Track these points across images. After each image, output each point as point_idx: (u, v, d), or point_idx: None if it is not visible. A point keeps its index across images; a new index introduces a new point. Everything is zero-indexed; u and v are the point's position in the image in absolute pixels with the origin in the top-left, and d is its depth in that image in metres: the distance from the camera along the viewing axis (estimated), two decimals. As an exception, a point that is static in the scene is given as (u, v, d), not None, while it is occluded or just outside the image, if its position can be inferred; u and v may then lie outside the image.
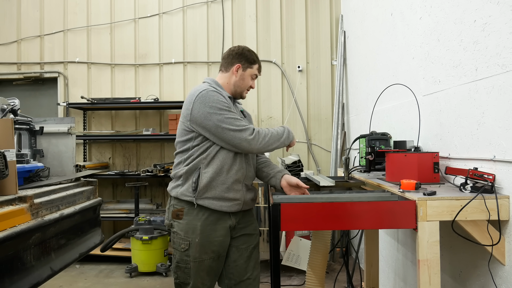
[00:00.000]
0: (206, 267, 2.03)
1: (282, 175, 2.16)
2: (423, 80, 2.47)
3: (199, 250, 2.01)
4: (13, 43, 5.17)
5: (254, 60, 2.18)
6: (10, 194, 2.04)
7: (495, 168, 1.73)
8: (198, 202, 2.00)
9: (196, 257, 2.01)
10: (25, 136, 2.76)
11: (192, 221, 2.01)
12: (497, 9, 1.71)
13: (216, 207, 2.01)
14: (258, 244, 2.23)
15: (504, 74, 1.66)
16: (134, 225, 4.17)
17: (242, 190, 2.07)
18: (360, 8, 4.03)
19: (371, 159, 2.36)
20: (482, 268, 1.83)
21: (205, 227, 2.01)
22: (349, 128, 4.64)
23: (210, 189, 1.99)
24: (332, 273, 3.98)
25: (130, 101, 4.70)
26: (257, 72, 2.20)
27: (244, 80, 2.16)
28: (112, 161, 5.10)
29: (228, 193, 2.01)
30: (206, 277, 2.05)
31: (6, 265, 1.79)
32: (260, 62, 2.24)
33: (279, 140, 2.08)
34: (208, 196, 2.00)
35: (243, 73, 2.16)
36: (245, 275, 2.13)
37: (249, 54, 2.17)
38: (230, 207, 2.03)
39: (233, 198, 2.03)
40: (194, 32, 5.04)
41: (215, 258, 2.05)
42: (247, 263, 2.14)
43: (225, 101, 2.01)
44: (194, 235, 2.00)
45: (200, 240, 2.00)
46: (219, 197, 2.00)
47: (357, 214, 1.70)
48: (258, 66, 2.20)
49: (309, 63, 4.96)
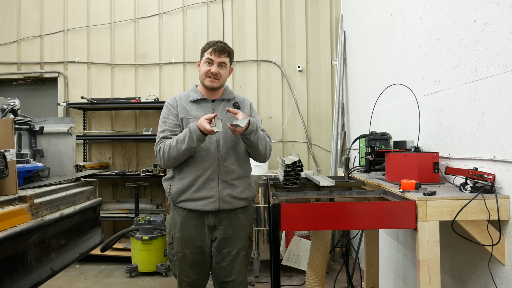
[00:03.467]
0: (189, 261, 2.12)
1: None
2: (423, 80, 2.47)
3: (181, 245, 2.12)
4: (13, 43, 5.17)
5: (206, 47, 2.15)
6: (10, 194, 2.03)
7: (495, 168, 1.73)
8: (175, 204, 2.15)
9: (178, 251, 2.13)
10: (25, 136, 2.76)
11: (174, 216, 2.18)
12: (497, 9, 1.71)
13: (191, 206, 2.10)
14: (245, 248, 2.17)
15: (504, 74, 1.66)
16: (134, 225, 4.17)
17: (216, 187, 2.09)
18: (360, 8, 4.03)
19: (371, 159, 2.36)
20: (482, 268, 1.83)
21: (185, 223, 2.12)
22: (349, 128, 4.64)
23: (182, 193, 2.10)
24: (332, 273, 3.98)
25: (130, 101, 4.70)
26: (209, 56, 2.11)
27: (201, 69, 2.16)
28: (112, 161, 5.10)
29: (199, 192, 2.09)
30: (190, 270, 2.13)
31: (6, 265, 1.79)
32: (215, 44, 2.12)
33: (181, 148, 1.98)
34: (182, 199, 2.12)
35: (202, 63, 2.17)
36: (230, 277, 2.15)
37: (204, 45, 2.18)
38: (205, 205, 2.09)
39: (205, 196, 2.08)
40: (194, 32, 5.04)
41: (198, 253, 2.12)
42: (231, 267, 2.14)
43: (166, 112, 2.16)
44: (175, 230, 2.15)
45: (181, 236, 2.12)
46: (191, 198, 2.10)
47: (357, 214, 1.70)
48: (211, 50, 2.11)
49: (309, 63, 4.96)
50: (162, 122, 2.16)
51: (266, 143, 2.16)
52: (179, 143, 1.99)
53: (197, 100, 2.18)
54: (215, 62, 2.11)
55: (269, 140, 2.21)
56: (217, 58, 2.11)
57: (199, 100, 2.18)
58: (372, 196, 2.04)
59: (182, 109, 2.16)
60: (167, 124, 2.13)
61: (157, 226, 4.14)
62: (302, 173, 2.27)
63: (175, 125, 2.13)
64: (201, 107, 2.17)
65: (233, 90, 4.95)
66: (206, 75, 2.13)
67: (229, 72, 2.22)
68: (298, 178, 2.23)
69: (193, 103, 2.18)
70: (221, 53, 2.11)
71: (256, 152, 2.14)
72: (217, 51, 2.10)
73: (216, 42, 2.13)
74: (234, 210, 2.16)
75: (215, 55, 2.11)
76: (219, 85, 2.15)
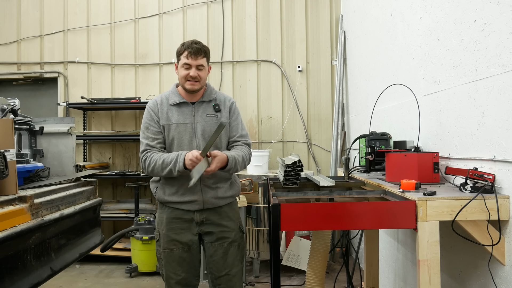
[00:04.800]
0: (176, 257, 2.15)
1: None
2: (423, 80, 2.47)
3: (167, 241, 2.15)
4: (13, 43, 5.17)
5: (181, 49, 2.14)
6: (10, 194, 2.04)
7: (495, 168, 1.73)
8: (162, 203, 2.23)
9: (165, 247, 2.16)
10: (25, 136, 2.76)
11: (161, 214, 2.22)
12: (497, 9, 1.71)
13: (177, 206, 2.16)
14: (236, 240, 2.20)
15: (504, 74, 1.66)
16: (134, 225, 4.17)
17: (199, 192, 2.13)
18: (360, 8, 4.03)
19: (371, 159, 2.37)
20: (482, 268, 1.83)
21: (170, 219, 2.16)
22: (349, 128, 4.64)
23: (168, 197, 2.16)
24: (332, 273, 3.98)
25: (130, 101, 4.69)
26: (186, 60, 2.11)
27: (180, 73, 2.16)
28: (112, 161, 5.10)
29: (183, 197, 2.13)
30: (177, 267, 2.15)
31: (6, 265, 1.79)
32: (190, 47, 2.10)
33: (164, 170, 2.04)
34: (168, 201, 2.17)
35: (180, 67, 2.17)
36: (223, 271, 2.17)
37: (179, 48, 2.17)
38: (190, 206, 2.14)
39: (189, 200, 2.13)
40: (194, 32, 5.03)
41: (185, 250, 2.15)
42: (224, 259, 2.17)
43: (148, 118, 2.17)
44: (161, 227, 2.19)
45: (167, 232, 2.16)
46: (176, 201, 2.15)
47: (357, 214, 1.70)
48: (187, 53, 2.10)
49: (309, 63, 4.96)
50: (145, 127, 2.17)
51: (244, 163, 2.17)
52: (165, 164, 2.04)
53: (177, 103, 2.17)
54: (193, 66, 2.11)
55: (247, 151, 2.20)
56: (194, 61, 2.10)
57: (179, 103, 2.18)
58: (372, 196, 2.04)
59: (163, 115, 2.16)
60: (150, 131, 2.15)
61: (157, 226, 4.14)
62: (302, 173, 2.27)
63: (157, 132, 2.15)
64: (182, 110, 2.17)
65: (233, 90, 4.98)
66: (186, 79, 2.13)
67: (208, 71, 2.21)
68: (298, 178, 2.23)
69: (173, 106, 2.17)
70: (198, 55, 2.10)
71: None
72: (193, 54, 2.09)
73: (191, 44, 2.11)
74: (220, 207, 2.19)
75: (192, 58, 2.10)
76: (199, 87, 2.16)
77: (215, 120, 2.17)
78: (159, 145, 2.14)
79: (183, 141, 2.13)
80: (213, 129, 2.10)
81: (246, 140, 2.24)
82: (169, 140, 2.15)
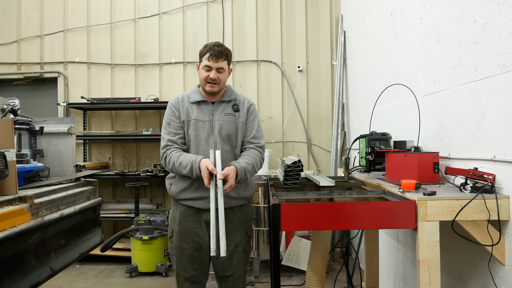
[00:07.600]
0: (187, 255, 2.19)
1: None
2: (423, 80, 2.47)
3: (179, 239, 2.19)
4: (13, 43, 5.17)
5: (203, 51, 2.19)
6: (10, 194, 2.03)
7: (495, 168, 1.73)
8: (175, 200, 2.27)
9: (177, 245, 2.21)
10: (25, 136, 2.76)
11: (174, 211, 2.27)
12: (497, 9, 1.71)
13: (189, 204, 2.19)
14: (242, 244, 2.22)
15: (504, 74, 1.66)
16: (134, 225, 4.17)
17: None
18: (360, 8, 4.03)
19: (371, 159, 2.36)
20: (482, 268, 1.83)
21: (183, 218, 2.20)
22: (349, 128, 4.64)
23: (181, 193, 2.20)
24: (332, 273, 3.98)
25: (130, 101, 4.70)
26: (207, 62, 2.15)
27: (201, 74, 2.21)
28: (112, 161, 5.10)
29: (197, 192, 2.17)
30: (188, 265, 2.19)
31: (6, 265, 1.79)
32: (212, 49, 2.14)
33: (181, 171, 2.11)
34: (180, 198, 2.21)
35: (201, 69, 2.22)
36: (228, 272, 2.22)
37: (202, 49, 2.22)
38: (203, 204, 2.17)
39: (201, 196, 2.16)
40: (194, 32, 5.03)
41: (196, 248, 2.19)
42: (229, 261, 2.20)
43: (170, 113, 2.24)
44: (174, 224, 2.23)
45: (179, 230, 2.20)
46: (190, 198, 2.19)
47: (357, 214, 1.70)
48: (209, 55, 2.15)
49: (309, 63, 4.96)
50: (167, 123, 2.24)
51: (254, 170, 2.18)
52: (182, 167, 2.10)
53: (197, 101, 2.24)
54: (214, 68, 2.16)
55: (258, 157, 2.21)
56: (215, 63, 2.15)
57: (199, 101, 2.24)
58: (372, 196, 2.04)
59: (184, 111, 2.23)
60: (171, 126, 2.22)
61: (157, 226, 4.14)
62: (302, 173, 2.27)
63: (178, 127, 2.22)
64: (201, 108, 2.24)
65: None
66: (206, 81, 2.18)
67: (228, 73, 2.26)
68: (298, 178, 2.23)
69: (193, 104, 2.24)
70: (219, 58, 2.15)
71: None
72: (215, 56, 2.14)
73: (213, 46, 2.16)
74: (231, 208, 2.20)
75: (213, 61, 2.15)
76: (218, 89, 2.21)
77: (233, 119, 2.23)
78: (180, 140, 2.20)
79: (200, 137, 2.18)
80: (231, 128, 2.20)
81: (259, 142, 2.26)
82: (188, 136, 2.21)
